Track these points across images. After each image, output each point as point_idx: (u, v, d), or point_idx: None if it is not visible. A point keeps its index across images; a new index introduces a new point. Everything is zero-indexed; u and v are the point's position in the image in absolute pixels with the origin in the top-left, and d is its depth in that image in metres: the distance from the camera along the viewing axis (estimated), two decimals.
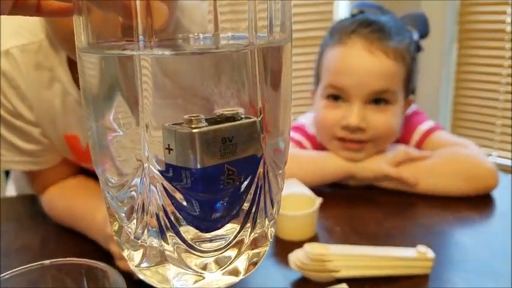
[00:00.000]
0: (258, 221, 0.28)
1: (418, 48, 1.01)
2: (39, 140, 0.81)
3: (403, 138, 1.04)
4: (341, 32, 0.96)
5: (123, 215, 0.28)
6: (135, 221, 0.27)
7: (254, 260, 0.29)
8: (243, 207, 0.27)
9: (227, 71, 0.26)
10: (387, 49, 0.92)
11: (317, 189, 0.89)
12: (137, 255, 0.28)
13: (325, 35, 1.01)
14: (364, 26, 0.94)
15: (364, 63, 0.92)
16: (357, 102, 0.92)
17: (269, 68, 0.27)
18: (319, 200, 0.80)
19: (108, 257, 0.68)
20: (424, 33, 1.02)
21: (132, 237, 0.28)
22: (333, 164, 0.96)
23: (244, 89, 0.26)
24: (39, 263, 0.39)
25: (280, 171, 0.29)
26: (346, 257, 0.66)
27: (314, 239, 0.78)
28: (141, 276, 0.29)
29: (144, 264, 0.28)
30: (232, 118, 0.26)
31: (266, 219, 0.29)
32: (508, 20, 1.98)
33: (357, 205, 0.93)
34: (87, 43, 0.27)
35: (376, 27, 0.93)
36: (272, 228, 0.29)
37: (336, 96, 0.95)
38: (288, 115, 0.29)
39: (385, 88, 0.92)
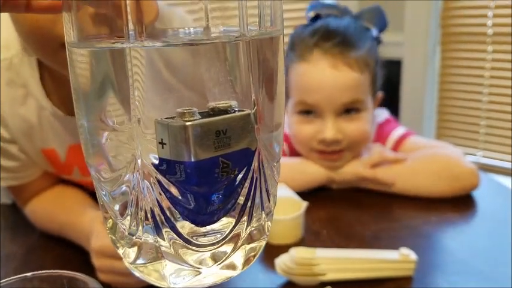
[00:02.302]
0: (254, 214, 0.28)
1: (379, 42, 1.02)
2: (18, 156, 0.80)
3: None
4: (302, 47, 0.96)
5: (118, 211, 0.27)
6: (129, 217, 0.27)
7: (251, 254, 0.28)
8: (239, 201, 0.27)
9: (219, 63, 0.26)
10: (350, 61, 0.93)
11: (303, 193, 0.89)
12: (132, 252, 0.28)
13: (286, 48, 1.00)
14: (324, 39, 0.94)
15: (330, 79, 0.93)
16: (330, 115, 0.93)
17: (262, 59, 0.26)
18: (305, 204, 0.80)
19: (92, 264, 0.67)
20: (382, 27, 1.03)
21: (126, 233, 0.27)
22: (312, 170, 0.97)
23: (238, 81, 0.26)
24: (21, 275, 0.39)
25: (275, 164, 0.29)
26: (332, 260, 0.66)
27: (301, 242, 0.78)
28: (137, 274, 0.28)
29: (140, 261, 0.28)
30: (225, 111, 0.26)
31: (262, 212, 0.28)
32: (490, 23, 2.01)
33: (342, 208, 0.93)
34: (76, 39, 0.27)
35: (337, 40, 0.93)
36: (269, 222, 0.29)
37: (308, 111, 0.96)
38: (282, 107, 0.29)
39: (354, 99, 0.93)
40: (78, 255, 0.74)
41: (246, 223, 0.27)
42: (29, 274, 0.39)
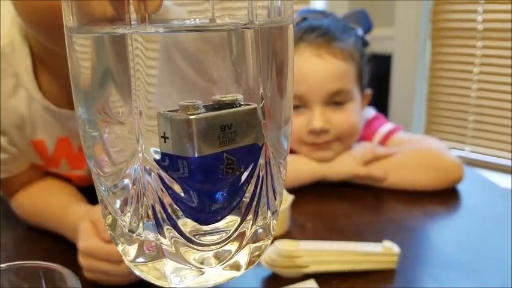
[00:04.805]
0: (259, 213, 0.27)
1: (365, 44, 1.05)
2: (6, 149, 0.78)
3: (365, 140, 1.07)
4: None
5: (118, 207, 0.26)
6: (129, 213, 0.26)
7: (256, 253, 0.27)
8: (244, 199, 0.26)
9: (226, 53, 0.25)
10: (335, 51, 0.95)
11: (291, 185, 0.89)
12: (132, 250, 0.27)
13: None
14: (309, 32, 0.97)
15: (315, 68, 0.95)
16: (317, 105, 0.95)
17: (270, 50, 0.25)
18: (291, 197, 0.80)
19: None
20: (367, 29, 1.06)
21: (126, 230, 0.26)
22: (305, 168, 0.97)
23: (245, 73, 0.25)
24: None
25: (282, 161, 0.28)
26: (314, 252, 0.66)
27: (286, 235, 0.77)
28: (137, 272, 0.27)
29: (140, 259, 0.26)
30: (231, 105, 0.25)
31: (268, 211, 0.27)
32: (480, 18, 2.01)
33: (329, 201, 0.93)
34: (76, 26, 0.25)
35: (320, 32, 0.97)
36: (274, 221, 0.28)
37: (297, 104, 0.97)
38: (291, 101, 0.28)
39: (340, 88, 0.95)
40: (66, 247, 0.73)
41: (251, 222, 0.26)
42: (3, 265, 0.38)
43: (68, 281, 0.38)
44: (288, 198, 0.79)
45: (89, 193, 0.82)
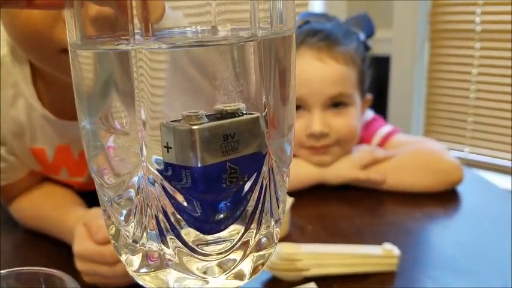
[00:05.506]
0: (263, 221, 0.27)
1: (367, 48, 1.05)
2: (5, 158, 0.78)
3: (364, 142, 1.07)
4: None
5: (122, 218, 0.26)
6: (132, 223, 0.26)
7: (260, 262, 0.28)
8: (248, 208, 0.26)
9: (228, 64, 0.25)
10: (336, 55, 0.95)
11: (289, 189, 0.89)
12: (136, 260, 0.27)
13: None
14: (311, 35, 0.97)
15: (316, 71, 0.95)
16: (317, 109, 0.94)
17: (273, 60, 0.25)
18: (291, 200, 0.80)
19: None
20: (370, 33, 1.06)
21: (129, 240, 0.26)
22: (304, 172, 0.97)
23: (248, 83, 0.25)
24: None
25: (285, 169, 0.28)
26: (315, 255, 0.66)
27: (286, 238, 0.77)
28: (140, 282, 0.27)
29: (143, 270, 0.27)
30: (233, 114, 0.25)
31: (272, 219, 0.27)
32: (478, 20, 2.02)
33: (329, 203, 0.93)
34: (79, 38, 0.25)
35: (322, 36, 0.97)
36: (277, 229, 0.28)
37: (297, 106, 0.96)
38: (293, 109, 0.28)
39: (341, 92, 0.95)
40: (65, 252, 0.73)
41: (255, 231, 0.26)
42: (3, 271, 0.38)
43: (68, 286, 0.38)
44: (288, 201, 0.79)
45: (89, 198, 0.82)
